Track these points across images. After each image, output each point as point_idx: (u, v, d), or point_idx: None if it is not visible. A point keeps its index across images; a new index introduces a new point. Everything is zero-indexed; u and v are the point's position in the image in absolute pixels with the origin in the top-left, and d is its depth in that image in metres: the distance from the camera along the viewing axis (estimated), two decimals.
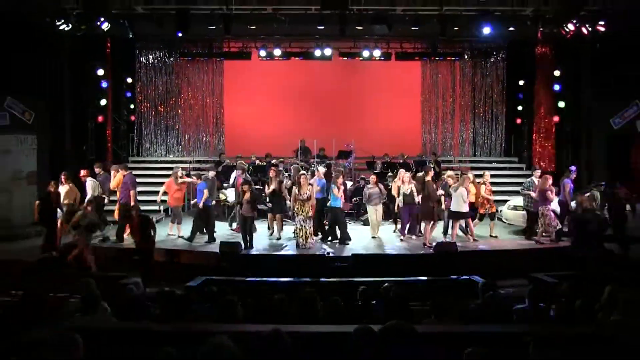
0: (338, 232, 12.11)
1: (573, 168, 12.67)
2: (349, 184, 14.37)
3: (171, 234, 12.63)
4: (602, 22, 13.37)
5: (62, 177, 11.90)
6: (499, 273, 9.25)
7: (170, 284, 7.62)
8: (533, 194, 11.97)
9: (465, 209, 11.77)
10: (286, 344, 3.16)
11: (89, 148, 16.46)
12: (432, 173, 12.24)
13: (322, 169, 13.12)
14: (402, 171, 12.69)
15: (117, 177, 12.39)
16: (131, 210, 10.80)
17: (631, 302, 4.67)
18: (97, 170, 12.70)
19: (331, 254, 11.08)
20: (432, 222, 11.87)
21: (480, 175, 13.04)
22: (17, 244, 12.17)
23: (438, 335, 4.13)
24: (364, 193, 12.59)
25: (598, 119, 15.76)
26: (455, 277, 8.92)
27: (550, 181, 11.81)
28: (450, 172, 13.05)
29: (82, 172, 12.49)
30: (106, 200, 12.55)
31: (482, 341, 3.34)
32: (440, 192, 12.17)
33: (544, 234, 11.87)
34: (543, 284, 7.95)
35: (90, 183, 12.11)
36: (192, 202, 13.03)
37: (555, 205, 12.04)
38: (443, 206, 12.22)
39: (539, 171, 12.77)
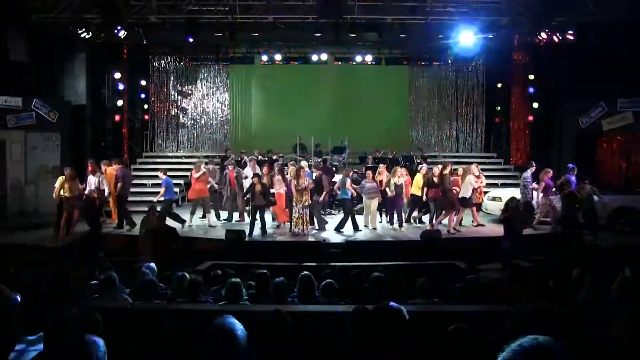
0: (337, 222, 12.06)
1: (572, 165, 12.14)
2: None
3: (211, 225, 12.54)
4: (570, 32, 13.54)
5: (68, 171, 11.69)
6: (479, 258, 9.24)
7: (181, 268, 7.58)
8: (535, 186, 12.00)
9: (469, 194, 11.87)
10: (287, 322, 3.15)
11: (107, 144, 16.50)
12: (450, 167, 12.16)
13: (304, 163, 13.02)
14: (382, 166, 12.88)
15: (108, 171, 12.36)
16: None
17: (596, 283, 4.70)
18: (90, 167, 12.24)
19: (327, 241, 11.03)
20: (454, 212, 11.90)
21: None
22: (44, 231, 12.13)
23: (423, 314, 4.12)
24: (362, 186, 12.29)
25: (568, 118, 15.83)
26: (440, 261, 8.91)
27: (550, 174, 11.85)
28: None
29: (90, 168, 12.27)
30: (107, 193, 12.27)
31: (463, 319, 3.34)
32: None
33: (544, 218, 11.97)
34: (519, 268, 7.94)
35: (100, 178, 12.01)
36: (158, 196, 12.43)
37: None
38: (425, 197, 12.14)
39: (535, 167, 12.43)
